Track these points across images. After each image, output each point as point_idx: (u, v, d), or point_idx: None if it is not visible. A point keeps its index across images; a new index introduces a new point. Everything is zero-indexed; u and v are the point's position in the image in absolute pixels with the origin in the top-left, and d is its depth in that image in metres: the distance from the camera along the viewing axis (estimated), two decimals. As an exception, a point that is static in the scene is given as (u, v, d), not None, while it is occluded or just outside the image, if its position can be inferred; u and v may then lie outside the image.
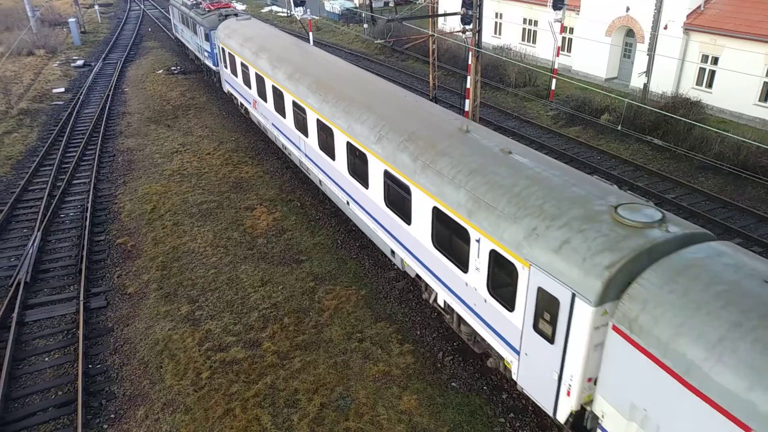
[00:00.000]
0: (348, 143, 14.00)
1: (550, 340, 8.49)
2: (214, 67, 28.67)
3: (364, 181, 13.76)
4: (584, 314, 7.68)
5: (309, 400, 10.76)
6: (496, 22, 38.84)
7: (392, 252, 13.64)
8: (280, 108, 18.72)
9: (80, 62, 37.89)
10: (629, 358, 7.29)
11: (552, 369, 8.63)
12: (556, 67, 28.68)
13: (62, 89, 31.92)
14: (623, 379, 7.52)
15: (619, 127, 23.38)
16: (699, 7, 26.81)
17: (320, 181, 17.30)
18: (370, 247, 15.66)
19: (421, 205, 11.35)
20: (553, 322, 8.35)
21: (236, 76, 23.61)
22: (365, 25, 45.66)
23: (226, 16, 26.76)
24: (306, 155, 17.51)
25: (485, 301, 10.02)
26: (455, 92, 29.11)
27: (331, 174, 15.83)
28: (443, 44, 34.03)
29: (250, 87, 21.85)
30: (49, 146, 23.21)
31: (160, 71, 34.70)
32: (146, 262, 15.43)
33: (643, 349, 7.04)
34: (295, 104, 17.12)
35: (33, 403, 10.95)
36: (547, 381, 8.84)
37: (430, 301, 12.70)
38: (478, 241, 9.76)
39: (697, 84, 27.13)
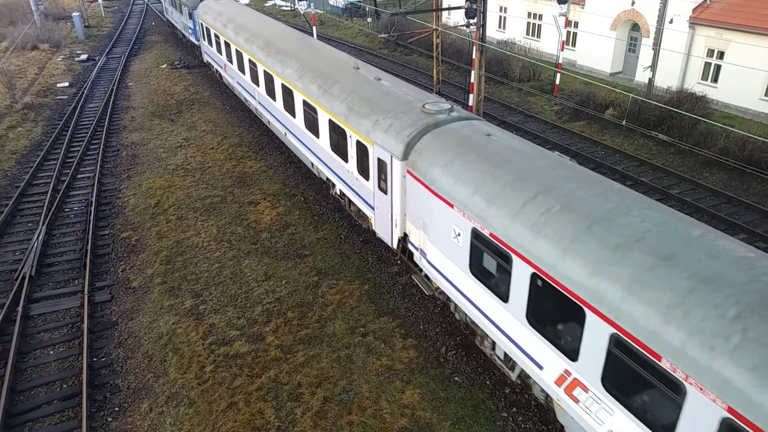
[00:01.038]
0: (282, 85, 18.08)
1: (385, 192, 12.83)
2: (196, 42, 32.69)
3: (293, 112, 17.83)
4: (397, 167, 12.05)
5: (312, 393, 10.81)
6: (500, 16, 38.68)
7: (312, 164, 18.04)
8: (240, 67, 22.90)
9: (84, 57, 37.91)
10: (414, 188, 11.69)
11: (387, 212, 13.04)
12: (560, 61, 28.56)
13: (66, 83, 31.96)
14: (414, 204, 11.92)
15: (624, 122, 23.28)
16: (705, 1, 26.63)
17: (269, 121, 21.61)
18: (373, 242, 15.67)
19: (323, 120, 15.51)
20: (385, 179, 12.67)
21: (211, 45, 27.93)
22: (369, 19, 45.54)
23: None
24: (259, 103, 21.64)
25: (357, 179, 14.29)
26: (459, 87, 29.04)
27: (274, 113, 20.04)
28: (447, 38, 33.91)
29: (221, 53, 26.11)
30: (53, 141, 23.27)
31: (164, 66, 34.71)
32: (150, 256, 15.48)
33: (419, 179, 11.42)
34: (250, 62, 21.19)
35: (38, 396, 11.03)
36: (386, 222, 13.25)
37: (332, 193, 17.43)
38: (350, 136, 13.96)
39: (702, 79, 26.98)
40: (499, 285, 9.63)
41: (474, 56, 21.62)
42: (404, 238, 12.88)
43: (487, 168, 10.12)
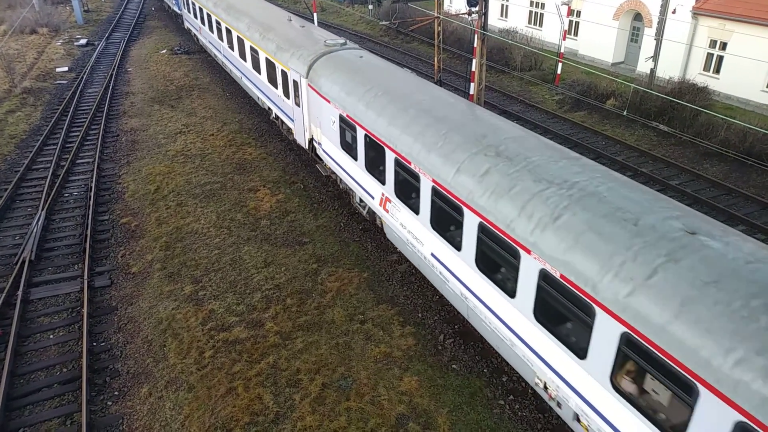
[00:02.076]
0: (237, 36, 22.92)
1: (299, 105, 17.37)
2: (178, 11, 38.61)
3: (244, 57, 22.72)
4: (303, 83, 16.53)
5: (311, 380, 10.88)
6: (502, 5, 38.45)
7: (258, 97, 22.59)
8: (210, 27, 27.85)
9: (83, 41, 37.67)
10: (314, 97, 16.07)
11: (301, 120, 17.62)
12: (562, 50, 28.43)
13: (66, 68, 31.80)
14: (314, 109, 16.36)
15: (625, 113, 23.23)
16: (708, -9, 26.46)
17: (231, 70, 26.49)
18: (373, 230, 15.69)
19: (262, 59, 20.08)
20: (298, 95, 17.18)
21: (190, 12, 33.30)
22: (370, 6, 45.20)
23: None
24: (224, 56, 26.71)
25: (283, 101, 18.91)
26: (460, 75, 28.91)
27: (234, 62, 24.87)
28: (449, 26, 33.71)
29: (197, 18, 31.21)
30: (52, 125, 23.19)
31: (164, 51, 34.51)
32: (150, 242, 15.50)
33: (315, 89, 15.74)
34: (217, 23, 26.13)
35: (38, 380, 11.09)
36: (301, 128, 17.91)
37: (271, 118, 22.28)
38: (277, 67, 18.53)
39: (704, 69, 26.89)
40: (353, 150, 14.34)
41: (475, 45, 21.51)
42: (311, 140, 17.49)
43: (351, 75, 14.74)
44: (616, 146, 21.57)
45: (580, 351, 8.06)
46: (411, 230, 12.29)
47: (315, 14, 31.64)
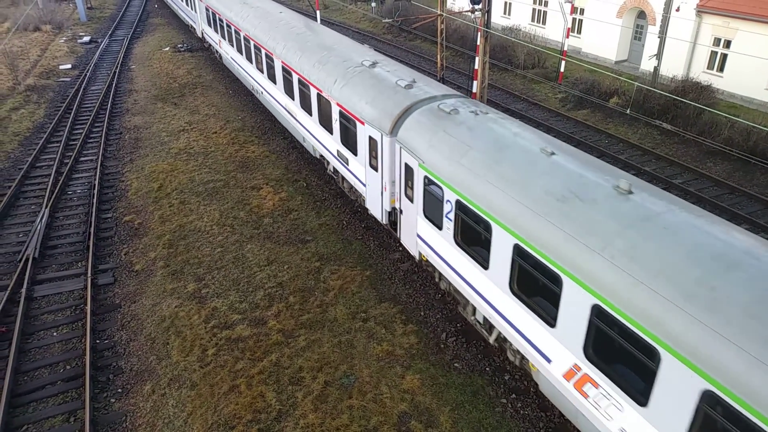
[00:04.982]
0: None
1: (195, 11, 32.92)
2: None
3: (186, 3, 34.10)
4: None
5: (313, 377, 10.90)
6: (505, 2, 38.33)
7: (184, 18, 37.68)
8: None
9: (87, 39, 37.72)
10: (202, 6, 29.83)
11: (197, 19, 32.88)
12: (565, 48, 28.36)
13: (69, 66, 31.84)
14: (199, 9, 31.29)
15: (628, 111, 23.17)
16: (713, -12, 26.35)
17: (178, 14, 39.04)
18: (376, 228, 15.71)
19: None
20: (194, 6, 32.53)
21: None
22: (373, 4, 45.14)
23: None
24: (178, 8, 37.75)
25: (194, 13, 33.20)
26: (463, 73, 28.85)
27: (181, 7, 36.73)
28: (452, 24, 33.66)
29: None
30: (56, 123, 23.24)
31: (167, 48, 34.53)
32: (153, 239, 15.53)
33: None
34: None
35: (42, 377, 11.14)
36: (198, 26, 33.17)
37: (189, 28, 36.83)
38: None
39: (708, 68, 26.79)
40: (213, 24, 26.45)
41: (478, 42, 21.46)
42: (203, 31, 30.14)
43: None
44: (619, 145, 21.53)
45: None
46: (227, 52, 25.32)
47: (318, 12, 31.63)
